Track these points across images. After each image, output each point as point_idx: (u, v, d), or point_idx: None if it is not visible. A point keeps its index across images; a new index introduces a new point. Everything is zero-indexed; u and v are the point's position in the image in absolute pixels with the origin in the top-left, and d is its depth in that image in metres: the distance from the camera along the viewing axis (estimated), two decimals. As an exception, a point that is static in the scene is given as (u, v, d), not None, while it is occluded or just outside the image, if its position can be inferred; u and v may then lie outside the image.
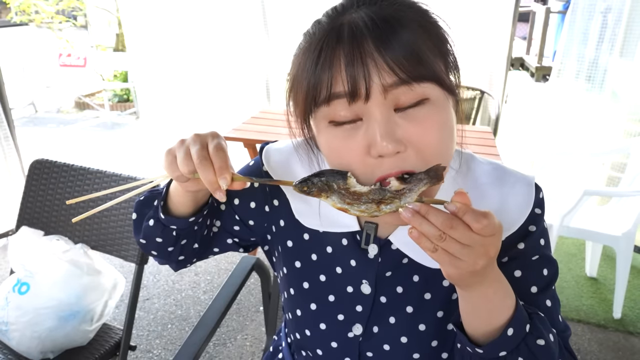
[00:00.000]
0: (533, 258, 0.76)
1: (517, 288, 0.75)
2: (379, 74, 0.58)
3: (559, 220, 2.39)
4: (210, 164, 0.66)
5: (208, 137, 0.70)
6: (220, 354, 2.29)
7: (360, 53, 0.58)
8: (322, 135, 0.66)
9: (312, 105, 0.63)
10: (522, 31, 9.58)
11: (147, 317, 2.54)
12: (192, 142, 0.68)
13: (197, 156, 0.66)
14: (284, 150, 0.88)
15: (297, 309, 0.86)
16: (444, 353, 0.80)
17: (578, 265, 3.03)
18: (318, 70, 0.60)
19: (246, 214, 0.90)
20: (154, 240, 0.85)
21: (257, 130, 2.79)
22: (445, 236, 0.56)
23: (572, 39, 3.42)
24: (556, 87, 3.54)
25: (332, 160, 0.67)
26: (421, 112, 0.61)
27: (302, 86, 0.63)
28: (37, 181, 1.70)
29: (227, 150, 0.69)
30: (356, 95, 0.59)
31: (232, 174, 0.67)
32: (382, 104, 0.60)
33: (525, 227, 0.75)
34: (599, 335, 2.45)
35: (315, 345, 0.87)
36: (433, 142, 0.62)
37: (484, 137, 2.67)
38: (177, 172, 0.69)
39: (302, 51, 0.64)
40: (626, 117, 3.31)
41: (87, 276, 1.51)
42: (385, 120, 0.60)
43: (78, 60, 6.45)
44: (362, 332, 0.81)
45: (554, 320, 0.76)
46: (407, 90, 0.59)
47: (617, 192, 2.72)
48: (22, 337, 1.45)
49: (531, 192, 0.75)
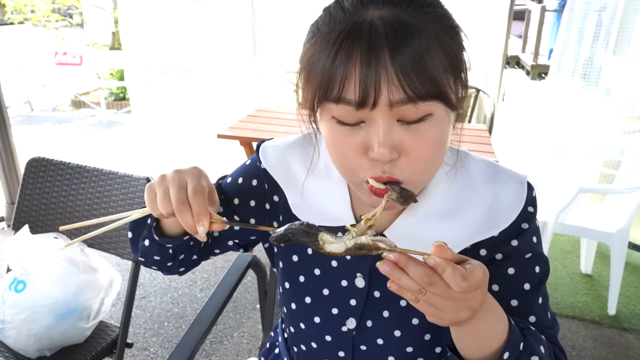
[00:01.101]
0: (526, 256, 0.77)
1: (511, 285, 0.76)
2: (388, 88, 0.58)
3: (554, 217, 2.40)
4: (189, 208, 0.67)
5: (187, 176, 0.70)
6: (217, 352, 2.29)
7: (375, 61, 0.58)
8: (325, 124, 0.67)
9: (322, 98, 0.63)
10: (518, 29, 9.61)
11: (144, 315, 2.55)
12: (171, 182, 0.69)
13: (175, 200, 0.67)
14: (280, 147, 0.88)
15: (292, 303, 0.87)
16: (437, 347, 0.81)
17: (573, 262, 3.05)
18: (334, 65, 0.60)
19: (246, 213, 0.90)
20: (152, 258, 0.86)
21: (253, 128, 2.79)
22: (425, 291, 0.55)
23: (568, 37, 3.43)
24: (552, 85, 3.55)
25: (329, 150, 0.69)
26: (422, 127, 0.62)
27: (316, 76, 0.63)
28: (34, 179, 1.70)
29: (206, 189, 0.70)
30: (364, 105, 0.60)
31: (211, 217, 0.68)
32: (386, 114, 0.61)
33: (519, 224, 0.76)
34: (593, 331, 2.47)
35: (309, 339, 0.88)
36: (427, 155, 0.64)
37: (480, 135, 2.68)
38: (157, 211, 0.70)
39: (322, 37, 0.63)
40: (621, 115, 3.33)
41: (83, 274, 1.51)
42: (386, 130, 0.61)
43: (74, 59, 6.43)
44: (356, 326, 0.82)
45: (543, 318, 0.77)
46: (412, 108, 0.60)
47: (612, 190, 2.74)
48: (19, 335, 1.45)
49: (523, 190, 0.76)
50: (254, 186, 0.89)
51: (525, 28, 9.08)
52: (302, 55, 0.68)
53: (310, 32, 0.67)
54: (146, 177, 1.54)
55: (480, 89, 3.36)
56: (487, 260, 0.77)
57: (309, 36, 0.67)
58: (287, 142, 0.88)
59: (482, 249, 0.77)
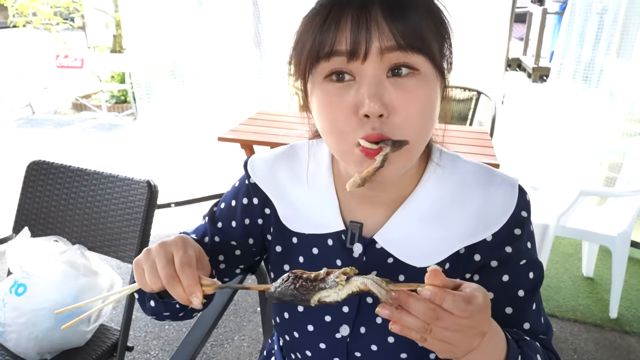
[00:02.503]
0: (521, 263, 0.76)
1: (505, 292, 0.75)
2: (379, 38, 0.62)
3: (555, 220, 2.40)
4: (179, 281, 0.67)
5: (173, 249, 0.69)
6: (217, 355, 2.29)
7: (367, 18, 0.62)
8: (316, 91, 0.69)
9: (313, 60, 0.66)
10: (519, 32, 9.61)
11: (145, 318, 2.54)
12: (157, 257, 0.68)
13: (164, 275, 0.67)
14: (268, 159, 0.90)
15: (285, 312, 0.87)
16: (432, 353, 0.80)
17: (574, 265, 3.04)
18: (324, 29, 0.64)
19: (243, 233, 0.91)
20: (162, 315, 0.86)
21: (253, 131, 2.79)
22: (429, 327, 0.54)
23: (570, 40, 3.43)
24: (554, 87, 3.55)
25: (321, 118, 0.69)
26: (410, 82, 0.65)
27: (307, 43, 0.66)
28: (35, 182, 1.70)
29: (193, 259, 0.69)
30: (355, 54, 0.63)
31: (202, 283, 0.67)
32: (377, 66, 0.63)
33: (512, 230, 0.76)
34: (595, 334, 2.46)
35: (304, 347, 0.87)
36: (416, 112, 0.65)
37: (481, 138, 2.67)
38: (147, 287, 0.70)
39: (312, 12, 0.68)
40: (623, 118, 3.32)
41: (83, 277, 1.51)
42: (376, 82, 0.64)
43: (75, 62, 6.45)
44: (350, 333, 0.82)
45: (537, 324, 0.77)
46: (402, 56, 0.63)
47: (613, 192, 2.73)
48: (19, 338, 1.45)
49: (514, 193, 0.76)
50: (245, 204, 0.90)
51: (527, 30, 9.09)
52: (295, 40, 0.71)
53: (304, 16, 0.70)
54: (147, 180, 1.54)
55: (482, 91, 3.35)
56: (481, 266, 0.77)
57: (303, 18, 0.70)
58: (274, 153, 0.90)
59: (476, 254, 0.77)
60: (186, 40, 3.84)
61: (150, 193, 1.53)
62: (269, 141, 2.59)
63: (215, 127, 3.40)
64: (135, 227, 1.54)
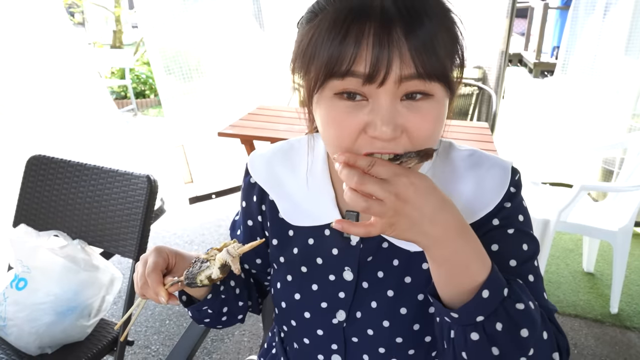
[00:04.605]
0: (509, 231, 0.76)
1: (495, 262, 0.74)
2: (400, 65, 0.59)
3: (556, 215, 2.40)
4: (148, 285, 0.80)
5: (143, 261, 0.82)
6: (218, 350, 2.29)
7: (388, 38, 0.59)
8: (323, 104, 0.66)
9: (326, 77, 0.63)
10: (520, 27, 9.59)
11: (145, 313, 2.55)
12: (136, 268, 0.82)
13: (137, 283, 0.81)
14: (266, 154, 0.91)
15: (282, 302, 0.89)
16: (427, 337, 0.81)
17: (575, 260, 3.04)
18: (342, 45, 0.60)
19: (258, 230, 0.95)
20: (204, 321, 0.95)
21: (254, 126, 2.79)
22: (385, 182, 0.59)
23: (574, 35, 3.42)
24: (558, 82, 3.54)
25: (327, 131, 0.68)
26: (424, 106, 0.63)
27: (321, 56, 0.63)
28: (35, 177, 1.70)
29: (159, 264, 0.81)
30: (373, 79, 0.60)
31: (165, 285, 0.79)
32: (392, 92, 0.61)
33: (501, 204, 0.76)
34: (595, 330, 2.47)
35: (302, 335, 0.89)
36: (427, 134, 0.64)
37: (482, 133, 2.67)
38: (142, 296, 0.83)
39: (326, 17, 0.63)
40: (628, 113, 3.31)
41: (84, 272, 1.51)
42: (390, 108, 0.62)
43: (76, 57, 6.41)
44: (346, 318, 0.83)
45: (538, 296, 0.74)
46: (420, 84, 0.61)
47: (614, 187, 2.73)
48: (20, 333, 1.45)
49: (507, 175, 0.77)
50: (254, 202, 0.93)
51: (528, 26, 9.06)
52: (301, 36, 0.68)
53: (310, 12, 0.67)
54: (146, 175, 1.54)
55: (483, 86, 3.35)
56: None
57: (309, 17, 0.67)
58: (272, 149, 0.91)
59: None
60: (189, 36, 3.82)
61: (150, 188, 1.53)
62: (270, 136, 2.58)
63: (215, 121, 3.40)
64: (135, 222, 1.54)
